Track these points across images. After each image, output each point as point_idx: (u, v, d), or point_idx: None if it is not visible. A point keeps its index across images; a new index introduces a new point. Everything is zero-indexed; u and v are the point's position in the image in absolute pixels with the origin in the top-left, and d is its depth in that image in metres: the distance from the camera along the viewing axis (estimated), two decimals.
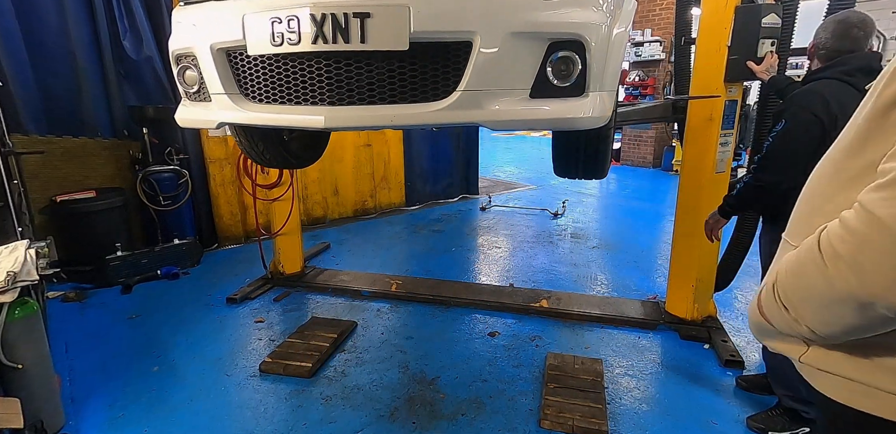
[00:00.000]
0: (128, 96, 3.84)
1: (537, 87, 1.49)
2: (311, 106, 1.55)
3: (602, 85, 1.57)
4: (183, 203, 3.89)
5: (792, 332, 0.66)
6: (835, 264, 0.56)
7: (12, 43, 3.23)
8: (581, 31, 1.44)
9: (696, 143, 2.55)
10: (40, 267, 1.87)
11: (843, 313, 0.58)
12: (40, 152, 3.17)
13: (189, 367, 2.44)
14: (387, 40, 1.40)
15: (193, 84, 1.79)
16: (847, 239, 0.55)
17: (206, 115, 1.75)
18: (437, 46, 1.44)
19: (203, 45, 1.66)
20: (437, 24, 1.40)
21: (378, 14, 1.39)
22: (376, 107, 1.50)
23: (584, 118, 1.51)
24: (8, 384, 1.80)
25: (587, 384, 2.19)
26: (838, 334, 0.62)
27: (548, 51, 1.47)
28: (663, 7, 7.92)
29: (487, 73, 1.44)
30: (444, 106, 1.46)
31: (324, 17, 1.40)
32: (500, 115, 1.48)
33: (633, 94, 8.45)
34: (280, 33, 1.46)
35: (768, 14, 2.21)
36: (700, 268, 2.68)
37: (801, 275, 0.62)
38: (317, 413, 2.09)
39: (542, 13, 1.42)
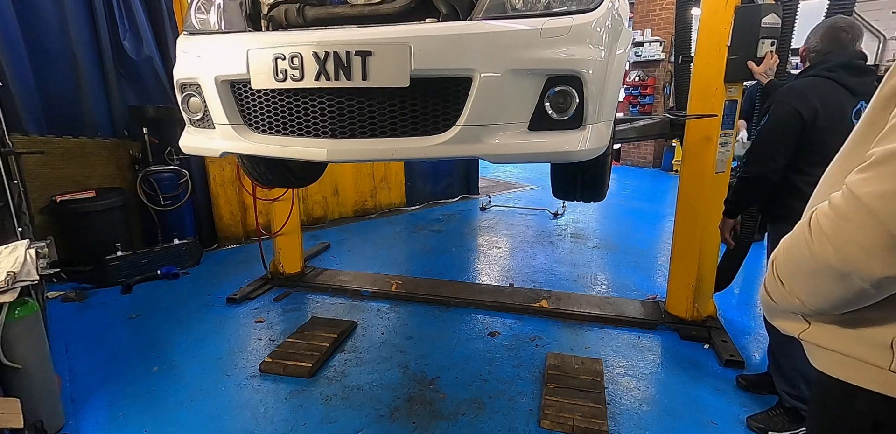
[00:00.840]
0: (128, 96, 3.84)
1: (536, 120, 1.51)
2: (313, 138, 1.57)
3: (599, 116, 1.59)
4: (183, 203, 3.89)
5: (789, 307, 0.71)
6: (818, 238, 0.61)
7: (12, 43, 3.23)
8: (578, 66, 1.47)
9: (696, 144, 2.55)
10: (40, 267, 1.87)
11: (826, 284, 0.62)
12: (40, 152, 3.17)
13: (189, 367, 2.44)
14: (388, 77, 1.42)
15: (198, 111, 1.81)
16: (830, 215, 0.60)
17: (210, 143, 1.77)
18: (437, 82, 1.46)
19: (208, 76, 1.68)
20: (437, 62, 1.42)
21: (379, 52, 1.41)
22: (377, 140, 1.52)
23: (582, 151, 1.53)
24: (8, 384, 1.80)
25: (587, 384, 2.19)
26: (825, 306, 0.66)
27: (546, 85, 1.49)
28: (663, 7, 7.92)
29: (486, 108, 1.46)
30: (445, 140, 1.48)
31: (326, 55, 1.42)
32: (499, 149, 1.50)
33: (633, 94, 8.46)
34: (283, 70, 1.48)
35: (768, 14, 2.21)
36: (700, 268, 2.68)
37: (792, 250, 0.67)
38: (317, 413, 2.09)
39: (540, 50, 1.44)
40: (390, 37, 1.41)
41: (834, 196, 0.60)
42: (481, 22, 1.45)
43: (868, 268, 0.56)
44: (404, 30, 1.44)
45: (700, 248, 2.65)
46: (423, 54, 1.40)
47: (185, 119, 1.88)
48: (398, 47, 1.40)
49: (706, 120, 2.46)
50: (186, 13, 1.89)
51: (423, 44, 1.40)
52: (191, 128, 1.89)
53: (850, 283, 0.59)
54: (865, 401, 0.67)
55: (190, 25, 1.85)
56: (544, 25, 1.44)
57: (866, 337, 0.66)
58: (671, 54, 7.29)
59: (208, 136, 1.79)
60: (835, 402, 0.75)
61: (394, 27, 1.47)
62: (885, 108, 0.62)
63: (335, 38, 1.42)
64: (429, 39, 1.41)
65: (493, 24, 1.44)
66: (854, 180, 0.58)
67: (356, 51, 1.40)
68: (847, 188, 0.58)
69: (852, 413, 0.71)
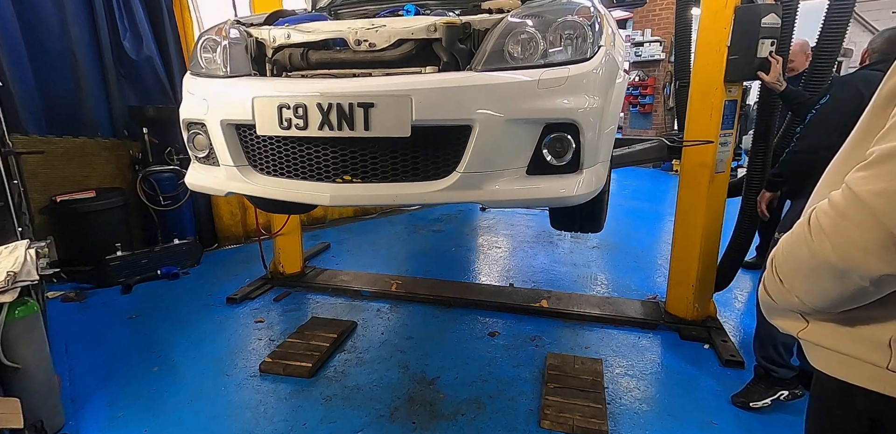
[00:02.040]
0: (128, 96, 3.84)
1: (533, 165, 1.54)
2: (316, 182, 1.60)
3: (596, 159, 1.62)
4: (183, 203, 3.89)
5: (788, 305, 0.71)
6: (818, 236, 0.61)
7: (12, 43, 3.23)
8: (575, 115, 1.49)
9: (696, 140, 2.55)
10: (40, 267, 1.87)
11: (825, 282, 0.63)
12: (40, 152, 3.17)
13: (189, 367, 2.44)
14: (389, 128, 1.45)
15: (203, 149, 1.85)
16: (829, 213, 0.60)
17: (215, 183, 1.81)
18: (437, 130, 1.48)
19: (213, 119, 1.71)
20: (437, 113, 1.45)
21: (381, 104, 1.43)
22: (379, 185, 1.56)
23: (579, 196, 1.56)
24: (8, 384, 1.80)
25: (587, 384, 2.19)
26: (824, 304, 0.66)
27: (543, 132, 1.52)
28: (663, 7, 7.92)
29: (485, 156, 1.49)
30: (445, 186, 1.51)
31: (329, 106, 1.45)
32: (498, 195, 1.53)
33: (633, 94, 8.46)
34: (288, 119, 1.51)
35: (768, 14, 2.21)
36: (700, 268, 2.68)
37: (792, 248, 0.67)
38: (317, 413, 2.09)
39: (537, 100, 1.47)
40: (392, 89, 1.45)
41: (834, 194, 0.60)
42: (481, 74, 1.48)
43: (867, 265, 0.56)
44: (405, 82, 1.47)
45: (700, 248, 2.65)
46: (424, 106, 1.43)
47: (191, 156, 1.92)
48: (400, 99, 1.43)
49: (705, 120, 2.46)
50: (192, 51, 1.93)
51: (423, 96, 1.43)
52: (196, 164, 1.93)
53: (849, 280, 0.59)
54: (863, 399, 0.67)
55: (196, 64, 1.88)
56: (542, 76, 1.47)
57: (864, 335, 0.66)
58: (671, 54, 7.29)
59: (213, 174, 1.83)
60: (833, 401, 0.75)
61: (395, 79, 1.50)
62: (885, 107, 0.62)
63: (338, 90, 1.45)
64: (429, 91, 1.44)
65: (492, 76, 1.47)
66: (854, 178, 0.58)
67: (359, 102, 1.43)
68: (847, 186, 0.58)
69: (851, 412, 0.71)
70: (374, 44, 1.61)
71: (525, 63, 1.50)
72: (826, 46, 2.20)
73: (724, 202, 2.64)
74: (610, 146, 1.76)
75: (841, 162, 0.70)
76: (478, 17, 1.61)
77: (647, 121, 8.52)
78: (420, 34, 1.58)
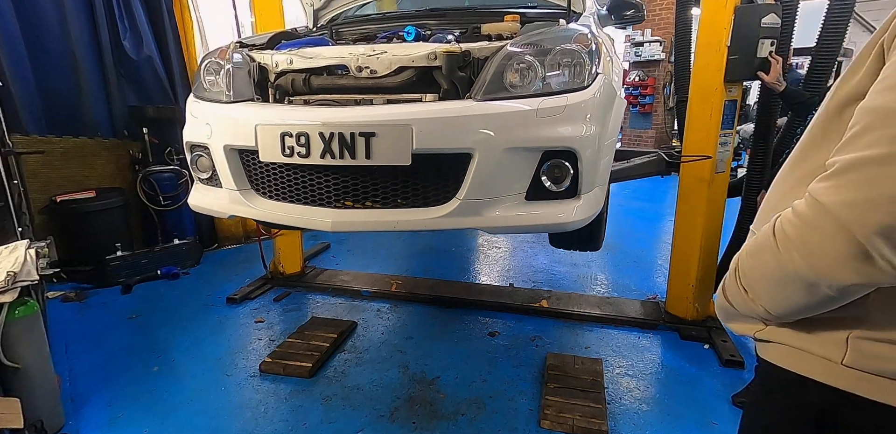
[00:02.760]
0: (128, 96, 3.84)
1: (532, 191, 1.57)
2: (318, 207, 1.63)
3: (594, 183, 1.65)
4: (183, 203, 3.88)
5: (750, 313, 0.71)
6: (785, 247, 0.60)
7: (12, 43, 3.23)
8: (572, 143, 1.52)
9: (696, 142, 2.55)
10: (40, 267, 1.87)
11: (792, 292, 0.62)
12: (40, 152, 3.17)
13: (189, 367, 2.44)
14: (390, 157, 1.48)
15: (206, 170, 1.88)
16: (796, 223, 0.59)
17: (218, 205, 1.84)
18: (438, 158, 1.51)
19: (217, 143, 1.73)
20: (437, 143, 1.47)
21: (382, 133, 1.45)
22: (380, 211, 1.58)
23: (577, 221, 1.59)
24: (8, 384, 1.80)
25: (587, 384, 2.19)
26: (789, 313, 0.66)
27: (542, 158, 1.54)
28: (663, 7, 7.92)
29: (484, 183, 1.52)
30: (445, 213, 1.54)
31: (332, 135, 1.47)
32: (497, 221, 1.56)
33: (634, 94, 8.46)
34: (290, 146, 1.52)
35: (768, 14, 2.21)
36: (700, 268, 2.68)
37: (757, 257, 0.66)
38: (317, 413, 2.09)
39: (536, 129, 1.49)
40: (393, 119, 1.46)
41: (798, 204, 0.60)
42: (480, 103, 1.49)
43: (837, 276, 0.56)
44: (406, 111, 1.49)
45: (700, 248, 2.65)
46: (425, 135, 1.45)
47: (194, 177, 1.95)
48: (400, 128, 1.45)
49: (705, 120, 2.46)
50: (196, 72, 1.95)
51: (424, 125, 1.45)
52: (199, 185, 1.96)
53: (816, 290, 0.60)
54: (816, 392, 0.69)
55: (199, 87, 1.91)
56: (540, 106, 1.49)
57: (822, 333, 0.67)
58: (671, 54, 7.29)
59: (216, 195, 1.85)
60: (780, 391, 0.76)
61: (396, 108, 1.51)
62: (839, 114, 0.63)
63: (340, 119, 1.47)
64: (430, 121, 1.46)
65: (492, 106, 1.49)
66: (818, 189, 0.57)
67: (360, 132, 1.45)
68: (811, 197, 0.58)
69: (798, 401, 0.73)
70: (376, 70, 1.64)
71: (523, 92, 1.52)
72: (826, 46, 2.20)
73: (724, 202, 2.64)
74: (608, 169, 1.79)
75: (792, 167, 0.70)
76: (477, 45, 1.63)
77: (647, 121, 8.52)
78: (420, 62, 1.61)
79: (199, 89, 1.91)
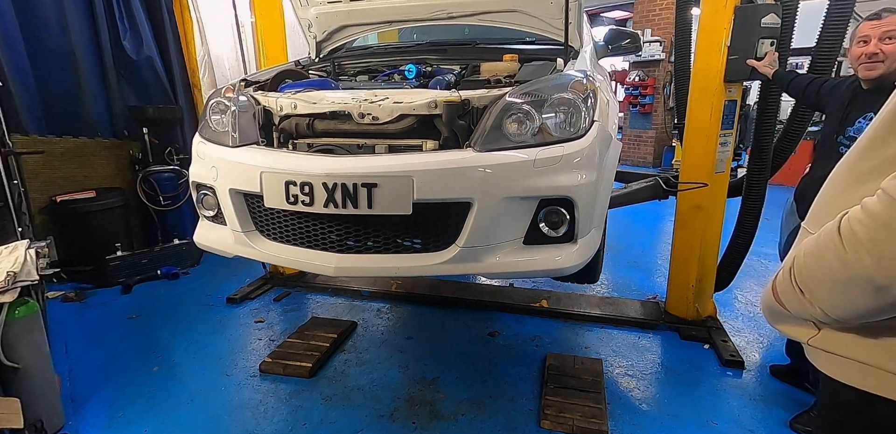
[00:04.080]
0: (128, 96, 3.84)
1: (530, 236, 1.61)
2: (321, 251, 1.67)
3: (591, 226, 1.69)
4: (183, 203, 3.89)
5: (805, 315, 0.67)
6: (853, 247, 0.56)
7: (12, 43, 3.22)
8: (569, 192, 1.56)
9: (696, 144, 2.55)
10: (40, 267, 1.87)
11: (858, 296, 0.58)
12: (40, 152, 3.17)
13: (189, 367, 2.44)
14: (391, 206, 1.52)
15: (212, 208, 1.92)
16: (867, 223, 0.55)
17: (223, 245, 1.89)
18: (438, 207, 1.54)
19: (223, 186, 1.77)
20: (437, 193, 1.51)
21: (384, 184, 1.49)
22: (382, 256, 1.62)
23: (575, 265, 1.63)
24: (8, 384, 1.80)
25: (587, 384, 2.19)
26: (851, 317, 0.62)
27: (539, 206, 1.59)
28: (663, 7, 7.92)
29: (483, 230, 1.56)
30: (445, 259, 1.58)
31: (335, 186, 1.50)
32: (496, 267, 1.60)
33: (633, 94, 8.46)
34: (295, 195, 1.56)
35: (768, 14, 2.21)
36: (700, 268, 2.68)
37: (818, 257, 0.62)
38: (317, 413, 2.09)
39: (534, 179, 1.53)
40: (394, 170, 1.50)
41: (870, 202, 0.56)
42: (479, 154, 1.53)
43: None
44: (406, 163, 1.52)
45: (700, 248, 2.65)
46: (425, 185, 1.49)
47: (200, 214, 1.99)
48: (402, 179, 1.49)
49: (705, 120, 2.46)
50: (202, 111, 1.99)
51: (424, 176, 1.49)
52: (205, 222, 2.00)
53: (886, 294, 0.56)
54: (884, 409, 0.64)
55: (205, 126, 1.94)
56: (537, 156, 1.52)
57: (887, 345, 0.63)
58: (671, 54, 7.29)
59: (221, 233, 1.89)
60: (850, 412, 0.72)
61: (397, 159, 1.55)
62: None
63: (343, 170, 1.50)
64: (430, 172, 1.50)
65: (490, 157, 1.52)
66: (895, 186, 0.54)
67: (362, 183, 1.49)
68: (887, 195, 0.54)
69: (870, 423, 0.68)
70: (378, 117, 1.68)
71: (521, 142, 1.56)
72: (826, 46, 2.20)
73: (724, 202, 2.64)
74: (604, 210, 1.83)
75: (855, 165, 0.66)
76: (476, 93, 1.67)
77: (647, 121, 8.52)
78: (421, 110, 1.64)
79: (205, 129, 1.95)
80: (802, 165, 2.46)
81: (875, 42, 1.60)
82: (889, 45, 1.58)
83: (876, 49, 1.59)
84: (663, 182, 2.66)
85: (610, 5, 11.35)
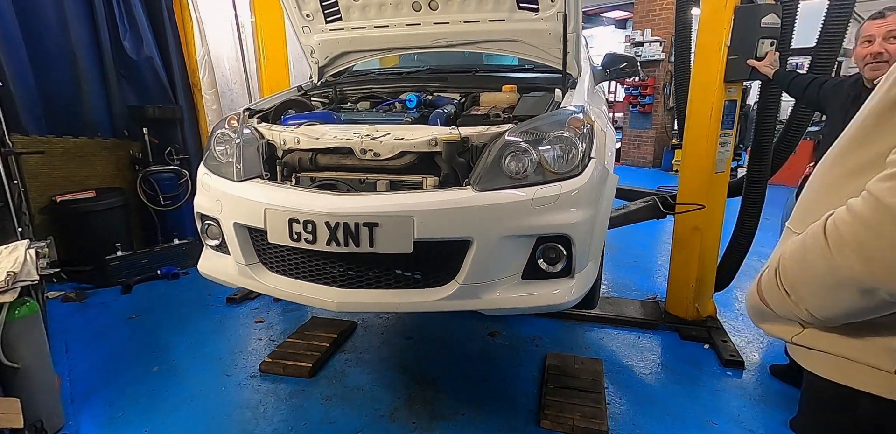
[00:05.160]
0: (128, 96, 3.84)
1: (529, 271, 1.65)
2: (323, 286, 1.70)
3: (588, 259, 1.72)
4: (183, 203, 3.89)
5: (790, 316, 0.67)
6: (840, 249, 0.56)
7: (12, 43, 3.22)
8: (566, 230, 1.59)
9: (696, 144, 2.55)
10: (40, 267, 1.87)
11: (845, 298, 0.58)
12: (40, 152, 3.17)
13: (189, 367, 2.44)
14: (392, 245, 1.55)
15: (216, 238, 1.95)
16: (853, 224, 0.55)
17: (228, 276, 1.92)
18: (438, 245, 1.58)
19: (227, 220, 1.81)
20: (437, 232, 1.55)
21: (385, 223, 1.53)
22: (383, 292, 1.66)
23: (573, 300, 1.67)
24: (8, 384, 1.80)
25: (587, 384, 2.19)
26: (838, 317, 0.63)
27: (537, 242, 1.62)
28: (663, 7, 7.92)
29: (482, 267, 1.59)
30: (445, 295, 1.61)
31: (337, 225, 1.54)
32: (495, 303, 1.64)
33: (633, 94, 8.45)
34: (298, 232, 1.60)
35: (768, 14, 2.21)
36: (700, 268, 2.68)
37: (804, 259, 0.62)
38: (317, 413, 2.09)
39: (531, 218, 1.56)
40: (395, 210, 1.54)
41: (856, 204, 0.56)
42: (478, 194, 1.56)
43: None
44: (407, 203, 1.56)
45: (700, 248, 2.65)
46: (426, 225, 1.52)
47: (204, 243, 2.02)
48: (402, 219, 1.52)
49: (705, 120, 2.46)
50: (207, 141, 2.04)
51: (425, 216, 1.52)
52: (209, 251, 2.03)
53: (873, 296, 0.56)
54: (869, 405, 0.65)
55: (210, 156, 1.99)
56: (535, 195, 1.56)
57: (872, 341, 0.63)
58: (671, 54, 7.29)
59: (226, 263, 1.92)
60: (832, 406, 0.72)
61: (398, 199, 1.58)
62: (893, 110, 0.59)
63: (345, 210, 1.54)
64: (430, 212, 1.53)
65: (489, 196, 1.55)
66: (882, 189, 0.53)
67: (364, 222, 1.52)
68: (872, 196, 0.54)
69: (853, 417, 0.69)
70: (379, 153, 1.71)
71: (520, 181, 1.59)
72: (826, 46, 2.20)
73: (724, 202, 2.64)
74: (601, 242, 1.87)
75: (838, 163, 0.65)
76: (476, 131, 1.70)
77: (647, 121, 8.51)
78: (422, 147, 1.68)
79: (209, 159, 1.99)
80: (802, 165, 2.45)
81: (880, 41, 1.58)
82: (894, 45, 1.56)
83: (881, 48, 1.57)
84: (661, 202, 2.70)
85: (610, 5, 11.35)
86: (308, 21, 2.47)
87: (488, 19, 2.18)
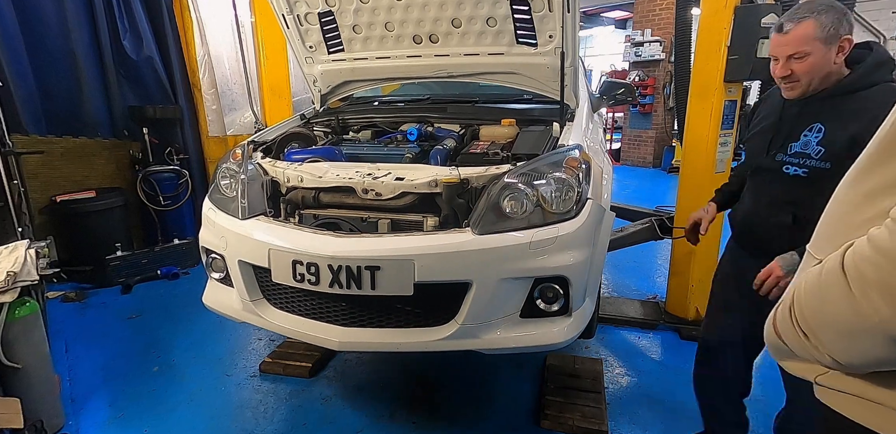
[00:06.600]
0: (128, 96, 3.84)
1: (527, 310, 1.67)
2: (326, 324, 1.73)
3: (585, 296, 1.75)
4: (183, 203, 3.89)
5: (811, 358, 0.60)
6: (863, 290, 0.49)
7: (12, 43, 3.22)
8: (563, 271, 1.62)
9: (696, 144, 2.55)
10: (40, 267, 1.87)
11: (872, 345, 0.52)
12: (40, 152, 3.17)
13: (189, 367, 2.44)
14: (393, 288, 1.58)
15: (221, 271, 1.98)
16: (877, 261, 0.48)
17: (232, 311, 1.95)
18: (438, 287, 1.60)
19: (232, 256, 1.83)
20: (437, 275, 1.58)
21: (387, 267, 1.56)
22: (384, 332, 1.69)
23: (570, 339, 1.69)
24: (8, 384, 1.81)
25: (587, 384, 2.19)
26: (864, 366, 0.56)
27: (535, 283, 1.65)
28: (663, 7, 7.92)
29: (481, 308, 1.62)
30: (445, 336, 1.64)
31: (339, 268, 1.57)
32: (494, 343, 1.67)
33: None
34: (301, 273, 1.63)
35: (768, 14, 2.21)
36: (700, 268, 2.68)
37: (822, 299, 0.55)
38: (317, 413, 2.09)
39: (529, 260, 1.59)
40: (396, 254, 1.57)
41: (878, 237, 0.49)
42: (477, 238, 1.59)
43: None
44: (408, 247, 1.59)
45: (700, 249, 2.64)
46: (426, 268, 1.56)
47: (209, 275, 2.05)
48: (403, 263, 1.55)
49: (705, 120, 2.46)
50: (213, 176, 2.09)
51: (425, 260, 1.56)
52: (213, 283, 2.06)
53: None
54: None
55: (215, 190, 2.04)
56: (533, 238, 1.58)
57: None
58: (671, 54, 7.29)
59: (230, 296, 1.95)
60: None
61: (399, 243, 1.61)
62: None
63: (348, 254, 1.57)
64: (430, 256, 1.57)
65: (488, 240, 1.58)
66: None
67: (366, 265, 1.56)
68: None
69: None
70: (380, 193, 1.75)
71: (518, 223, 1.62)
72: None
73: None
74: (598, 280, 1.89)
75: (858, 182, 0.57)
76: (475, 172, 1.74)
77: (647, 121, 8.51)
78: (422, 188, 1.72)
79: (214, 192, 2.04)
80: None
81: (784, 62, 1.37)
82: (799, 64, 1.35)
83: (786, 71, 1.36)
84: (658, 225, 2.72)
85: (610, 5, 11.36)
86: (311, 52, 2.52)
87: (488, 53, 2.23)
